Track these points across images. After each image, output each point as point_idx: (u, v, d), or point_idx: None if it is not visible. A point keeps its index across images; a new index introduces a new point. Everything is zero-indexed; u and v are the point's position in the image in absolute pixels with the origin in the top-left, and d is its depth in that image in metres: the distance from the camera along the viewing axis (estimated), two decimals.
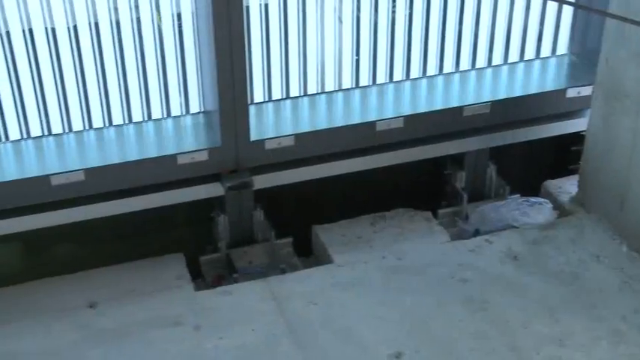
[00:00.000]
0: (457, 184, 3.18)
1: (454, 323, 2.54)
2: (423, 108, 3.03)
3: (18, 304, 2.65)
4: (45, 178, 2.63)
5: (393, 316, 2.57)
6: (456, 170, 3.19)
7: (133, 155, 2.74)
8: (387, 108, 3.02)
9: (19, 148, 2.71)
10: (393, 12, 2.95)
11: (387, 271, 2.78)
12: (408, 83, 3.14)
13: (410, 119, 2.96)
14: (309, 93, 3.03)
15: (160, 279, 2.76)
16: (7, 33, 2.53)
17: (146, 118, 2.84)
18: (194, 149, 2.77)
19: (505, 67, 3.24)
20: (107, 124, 2.81)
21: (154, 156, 2.73)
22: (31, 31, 2.53)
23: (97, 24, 2.61)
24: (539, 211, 3.03)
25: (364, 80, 3.09)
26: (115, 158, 2.72)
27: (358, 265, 2.81)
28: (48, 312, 2.61)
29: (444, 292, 2.65)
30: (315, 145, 2.89)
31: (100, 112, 2.76)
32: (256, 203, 2.94)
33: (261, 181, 2.85)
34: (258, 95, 2.94)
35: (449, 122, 3.02)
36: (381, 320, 2.56)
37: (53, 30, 2.57)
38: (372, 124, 2.94)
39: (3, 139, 2.69)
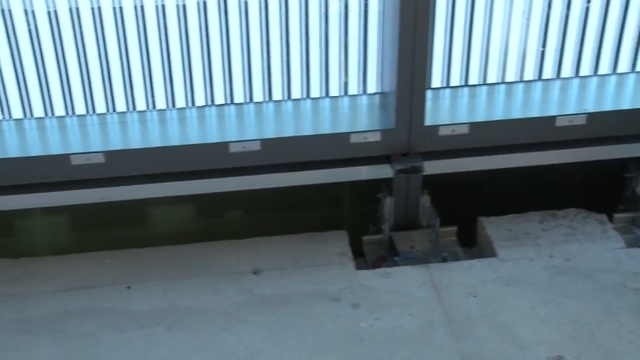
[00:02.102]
0: (638, 188, 3.01)
1: (623, 334, 2.42)
2: (609, 106, 2.87)
3: (189, 263, 2.79)
4: (224, 145, 2.72)
5: (556, 317, 2.49)
6: (638, 174, 3.02)
7: (307, 130, 2.79)
8: (570, 103, 2.90)
9: (185, 115, 2.82)
10: (588, 2, 2.82)
11: (553, 271, 2.69)
12: (595, 79, 2.99)
13: (593, 117, 2.84)
14: (488, 82, 2.94)
15: (322, 254, 2.81)
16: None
17: (323, 95, 2.88)
18: (368, 129, 2.78)
19: None
20: (286, 98, 2.87)
21: (328, 132, 2.76)
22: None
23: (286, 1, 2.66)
24: None
25: (548, 73, 2.97)
26: (290, 131, 2.78)
27: (523, 262, 2.74)
28: (215, 273, 2.72)
29: (614, 300, 2.54)
30: (489, 136, 2.84)
31: (280, 86, 2.83)
32: (424, 188, 2.91)
33: (431, 167, 2.83)
34: (436, 80, 2.90)
35: (636, 123, 2.86)
36: (542, 320, 2.48)
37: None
38: (552, 119, 2.84)
39: (189, 104, 2.81)
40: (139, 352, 2.43)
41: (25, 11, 2.56)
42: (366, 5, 2.72)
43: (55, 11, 2.59)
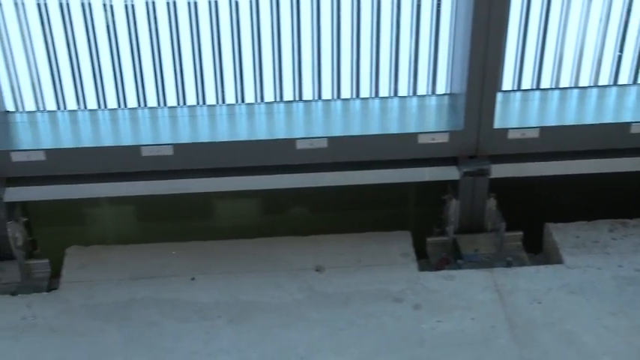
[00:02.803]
0: None
1: None
2: None
3: (252, 258, 2.81)
4: (291, 142, 2.74)
5: (623, 328, 2.44)
6: None
7: (375, 129, 2.78)
8: None
9: (254, 110, 2.84)
10: None
11: (622, 282, 2.63)
12: None
13: None
14: (561, 86, 2.89)
15: (385, 254, 2.80)
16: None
17: (392, 94, 2.86)
18: (436, 130, 2.76)
19: None
20: (354, 96, 2.87)
21: (395, 132, 2.75)
22: None
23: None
24: None
25: (624, 78, 2.90)
26: (357, 130, 2.78)
27: (590, 270, 2.69)
28: (278, 269, 2.74)
29: None
30: (560, 141, 2.79)
31: (349, 84, 2.83)
32: (490, 192, 2.88)
33: (499, 170, 2.80)
34: (507, 83, 2.86)
35: None
36: (608, 331, 2.43)
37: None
38: (627, 125, 2.77)
39: (258, 100, 2.83)
40: (200, 343, 2.46)
41: (104, 5, 2.61)
42: (438, 4, 2.69)
43: (133, 5, 2.63)
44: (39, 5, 2.60)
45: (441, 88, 2.88)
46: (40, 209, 2.95)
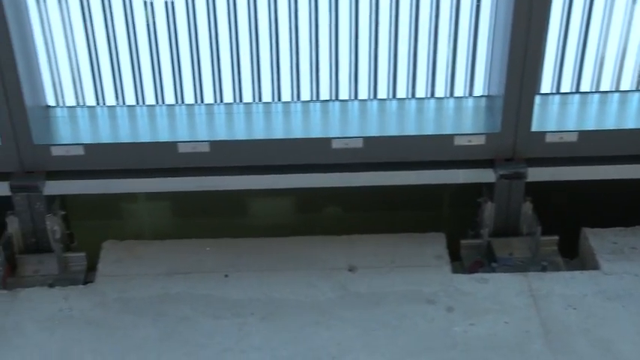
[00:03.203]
0: None
1: None
2: None
3: (285, 256, 2.81)
4: (326, 140, 2.74)
5: None
6: None
7: (411, 130, 2.77)
8: None
9: (290, 109, 2.85)
10: None
11: None
12: None
13: None
14: (601, 90, 2.85)
15: (419, 255, 2.79)
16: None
17: (429, 95, 2.85)
18: (472, 132, 2.74)
19: None
20: (391, 97, 2.86)
21: (431, 133, 2.74)
22: None
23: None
24: None
25: None
26: (393, 130, 2.77)
27: (627, 277, 2.65)
28: (310, 268, 2.74)
29: None
30: (599, 145, 2.76)
31: (385, 85, 2.83)
32: (526, 195, 2.85)
33: (536, 174, 2.77)
34: (546, 86, 2.83)
35: None
36: None
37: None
38: None
39: (294, 99, 2.84)
40: (233, 339, 2.47)
41: (145, 3, 2.64)
42: (478, 5, 2.68)
43: (173, 2, 2.65)
44: (81, 1, 2.64)
45: (479, 89, 2.86)
46: (77, 203, 2.99)
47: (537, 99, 2.74)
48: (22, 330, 2.49)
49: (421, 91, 2.85)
